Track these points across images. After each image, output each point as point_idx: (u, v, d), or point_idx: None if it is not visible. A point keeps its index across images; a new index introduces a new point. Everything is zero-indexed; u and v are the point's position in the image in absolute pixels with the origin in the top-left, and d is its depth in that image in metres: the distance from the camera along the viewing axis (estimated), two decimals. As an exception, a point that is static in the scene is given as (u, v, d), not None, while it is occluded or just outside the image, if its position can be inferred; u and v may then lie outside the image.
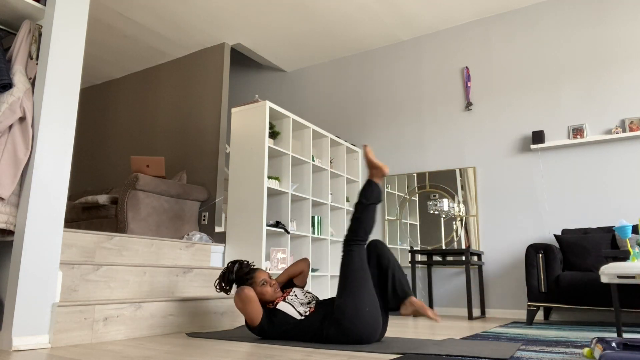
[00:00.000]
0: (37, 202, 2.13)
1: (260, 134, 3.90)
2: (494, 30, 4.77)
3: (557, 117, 4.30)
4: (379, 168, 2.40)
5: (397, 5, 4.63)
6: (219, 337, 2.42)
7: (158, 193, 4.17)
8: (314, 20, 4.93)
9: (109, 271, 2.63)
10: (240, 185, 3.91)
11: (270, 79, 6.28)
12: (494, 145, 4.55)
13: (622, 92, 4.07)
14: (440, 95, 4.94)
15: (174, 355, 1.84)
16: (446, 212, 4.67)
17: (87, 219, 4.29)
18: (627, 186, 3.91)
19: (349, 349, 2.01)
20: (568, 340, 2.45)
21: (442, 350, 1.97)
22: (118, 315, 2.36)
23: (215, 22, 4.97)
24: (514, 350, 1.99)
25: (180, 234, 4.34)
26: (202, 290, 3.21)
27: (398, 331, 2.86)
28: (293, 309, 2.29)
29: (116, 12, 4.82)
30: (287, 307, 2.30)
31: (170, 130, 5.53)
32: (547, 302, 3.47)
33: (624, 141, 3.99)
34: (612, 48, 4.17)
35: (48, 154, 2.21)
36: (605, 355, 1.54)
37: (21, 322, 2.01)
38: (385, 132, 5.20)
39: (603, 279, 2.56)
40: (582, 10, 4.35)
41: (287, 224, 4.00)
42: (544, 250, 3.58)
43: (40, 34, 2.35)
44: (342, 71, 5.67)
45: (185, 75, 5.60)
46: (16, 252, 2.08)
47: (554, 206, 4.18)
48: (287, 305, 2.32)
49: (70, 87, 2.33)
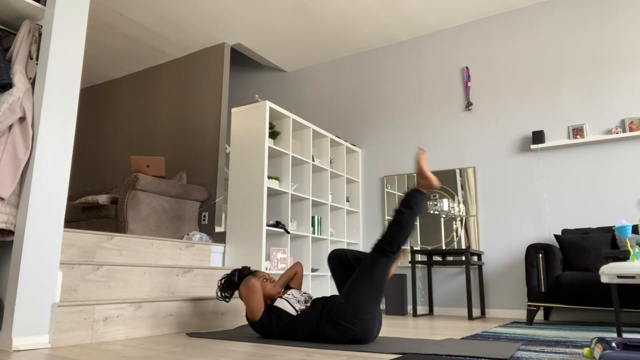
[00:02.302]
0: (37, 202, 2.13)
1: (260, 134, 3.89)
2: (494, 30, 4.77)
3: (557, 117, 4.30)
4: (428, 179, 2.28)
5: (397, 5, 4.63)
6: (219, 337, 2.42)
7: (158, 193, 4.17)
8: (314, 20, 4.93)
9: (109, 271, 2.63)
10: (240, 185, 3.91)
11: (270, 79, 6.28)
12: (494, 145, 4.55)
13: (622, 92, 4.07)
14: (440, 95, 4.94)
15: (174, 355, 1.84)
16: (446, 212, 4.67)
17: (87, 219, 4.29)
18: (627, 186, 3.91)
19: (349, 349, 2.01)
20: (568, 340, 2.45)
21: (442, 350, 1.97)
22: (118, 315, 2.36)
23: (215, 22, 4.96)
24: (514, 350, 1.99)
25: (180, 234, 4.34)
26: (202, 290, 3.21)
27: (398, 331, 2.86)
28: (289, 305, 2.33)
29: (116, 12, 4.82)
30: (284, 304, 2.34)
31: (170, 130, 5.53)
32: (547, 302, 3.47)
33: (624, 141, 3.99)
34: (612, 48, 4.17)
35: (48, 154, 2.21)
36: (605, 355, 1.53)
37: (21, 322, 2.01)
38: (385, 132, 5.20)
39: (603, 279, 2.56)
40: (582, 10, 4.35)
41: (287, 224, 4.00)
42: (544, 250, 3.58)
43: (40, 34, 2.35)
44: (342, 71, 5.67)
45: (185, 75, 5.60)
46: (16, 252, 2.08)
47: (554, 206, 4.18)
48: (283, 301, 2.36)
49: (70, 87, 2.33)
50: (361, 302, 2.16)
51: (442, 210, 4.69)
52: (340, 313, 2.16)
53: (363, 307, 2.15)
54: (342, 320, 2.14)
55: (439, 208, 4.71)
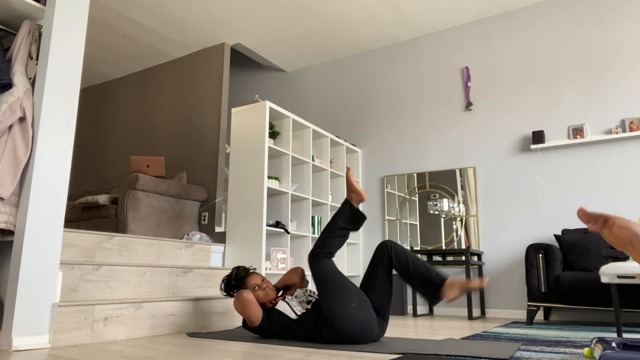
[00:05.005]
0: (37, 202, 2.13)
1: (260, 134, 3.90)
2: (494, 30, 4.77)
3: (557, 117, 4.30)
4: (358, 193, 2.37)
5: (397, 5, 4.63)
6: (219, 337, 2.42)
7: (158, 193, 4.17)
8: (314, 20, 4.93)
9: (109, 271, 2.63)
10: (240, 185, 3.91)
11: (270, 79, 6.28)
12: (494, 145, 4.55)
13: (622, 92, 4.07)
14: (440, 95, 4.94)
15: (174, 355, 1.84)
16: (446, 212, 4.67)
17: (87, 219, 4.29)
18: (627, 186, 3.91)
19: (349, 349, 2.01)
20: (568, 340, 2.45)
21: (442, 350, 1.97)
22: (118, 315, 2.36)
23: (215, 22, 4.97)
24: (514, 350, 1.99)
25: (180, 234, 4.34)
26: (202, 290, 3.21)
27: (398, 331, 2.86)
28: (290, 309, 2.32)
29: (116, 12, 4.82)
30: (285, 307, 2.33)
31: (170, 130, 5.53)
32: (547, 302, 3.47)
33: (624, 141, 3.99)
34: (612, 48, 4.17)
35: (48, 154, 2.21)
36: (605, 355, 1.53)
37: (21, 322, 2.01)
38: (385, 132, 5.20)
39: (603, 279, 2.56)
40: (582, 10, 4.35)
41: (287, 224, 4.00)
42: (544, 250, 3.58)
43: (40, 34, 2.35)
44: (342, 71, 5.67)
45: (185, 75, 5.60)
46: (16, 252, 2.08)
47: (554, 206, 4.18)
48: (284, 304, 2.35)
49: (70, 87, 2.33)
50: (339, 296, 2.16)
51: (442, 210, 4.69)
52: (331, 316, 2.15)
53: (344, 300, 2.14)
54: (335, 322, 2.13)
55: (439, 208, 4.71)
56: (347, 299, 2.15)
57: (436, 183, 4.77)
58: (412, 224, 4.84)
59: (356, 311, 2.13)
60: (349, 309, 2.13)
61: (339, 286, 2.20)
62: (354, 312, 2.13)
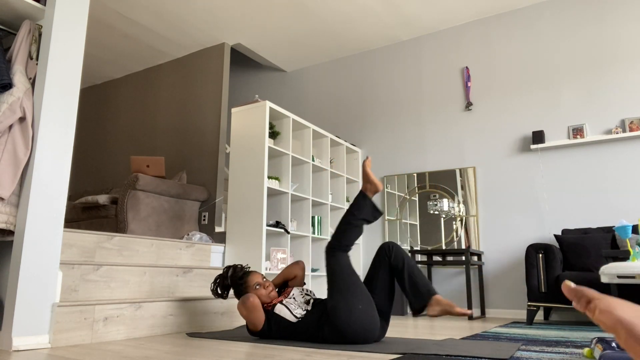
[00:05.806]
0: (37, 202, 2.13)
1: (260, 134, 3.90)
2: (494, 30, 4.77)
3: (557, 117, 4.30)
4: (373, 184, 2.35)
5: (397, 5, 4.63)
6: (219, 337, 2.42)
7: (158, 193, 4.17)
8: (314, 20, 4.93)
9: (109, 271, 2.63)
10: (240, 185, 3.91)
11: (270, 79, 6.28)
12: (494, 145, 4.55)
13: (622, 92, 4.07)
14: (440, 95, 4.94)
15: (174, 355, 1.84)
16: (446, 212, 4.67)
17: (87, 219, 4.29)
18: (627, 186, 3.91)
19: (349, 349, 2.01)
20: (568, 340, 2.45)
21: (442, 350, 1.97)
22: (118, 315, 2.36)
23: (215, 22, 4.97)
24: (514, 350, 1.99)
25: (180, 234, 4.34)
26: (202, 290, 3.21)
27: (398, 331, 2.86)
28: (288, 312, 2.29)
29: (116, 12, 4.82)
30: (283, 310, 2.30)
31: (170, 130, 5.53)
32: (547, 302, 3.47)
33: (624, 141, 3.99)
34: (612, 48, 4.17)
35: (48, 154, 2.21)
36: (605, 355, 1.53)
37: (21, 322, 2.01)
38: (385, 132, 5.20)
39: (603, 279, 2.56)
40: (582, 10, 4.35)
41: (287, 224, 4.00)
42: (544, 250, 3.58)
43: (40, 34, 2.35)
44: (342, 71, 5.67)
45: (185, 75, 5.60)
46: (16, 252, 2.08)
47: (554, 206, 4.18)
48: (282, 307, 2.31)
49: (70, 87, 2.33)
50: (347, 296, 2.15)
51: (442, 210, 4.70)
52: (334, 314, 2.14)
53: (352, 301, 2.14)
54: (338, 321, 2.12)
55: (439, 208, 4.71)
56: (355, 300, 2.15)
57: (436, 183, 4.77)
58: (412, 224, 4.84)
59: (361, 313, 2.13)
60: (354, 310, 2.13)
61: (349, 286, 2.19)
62: (359, 314, 2.13)
